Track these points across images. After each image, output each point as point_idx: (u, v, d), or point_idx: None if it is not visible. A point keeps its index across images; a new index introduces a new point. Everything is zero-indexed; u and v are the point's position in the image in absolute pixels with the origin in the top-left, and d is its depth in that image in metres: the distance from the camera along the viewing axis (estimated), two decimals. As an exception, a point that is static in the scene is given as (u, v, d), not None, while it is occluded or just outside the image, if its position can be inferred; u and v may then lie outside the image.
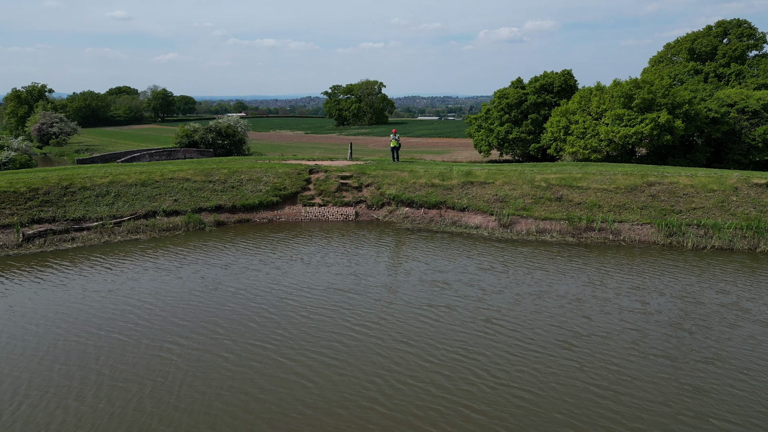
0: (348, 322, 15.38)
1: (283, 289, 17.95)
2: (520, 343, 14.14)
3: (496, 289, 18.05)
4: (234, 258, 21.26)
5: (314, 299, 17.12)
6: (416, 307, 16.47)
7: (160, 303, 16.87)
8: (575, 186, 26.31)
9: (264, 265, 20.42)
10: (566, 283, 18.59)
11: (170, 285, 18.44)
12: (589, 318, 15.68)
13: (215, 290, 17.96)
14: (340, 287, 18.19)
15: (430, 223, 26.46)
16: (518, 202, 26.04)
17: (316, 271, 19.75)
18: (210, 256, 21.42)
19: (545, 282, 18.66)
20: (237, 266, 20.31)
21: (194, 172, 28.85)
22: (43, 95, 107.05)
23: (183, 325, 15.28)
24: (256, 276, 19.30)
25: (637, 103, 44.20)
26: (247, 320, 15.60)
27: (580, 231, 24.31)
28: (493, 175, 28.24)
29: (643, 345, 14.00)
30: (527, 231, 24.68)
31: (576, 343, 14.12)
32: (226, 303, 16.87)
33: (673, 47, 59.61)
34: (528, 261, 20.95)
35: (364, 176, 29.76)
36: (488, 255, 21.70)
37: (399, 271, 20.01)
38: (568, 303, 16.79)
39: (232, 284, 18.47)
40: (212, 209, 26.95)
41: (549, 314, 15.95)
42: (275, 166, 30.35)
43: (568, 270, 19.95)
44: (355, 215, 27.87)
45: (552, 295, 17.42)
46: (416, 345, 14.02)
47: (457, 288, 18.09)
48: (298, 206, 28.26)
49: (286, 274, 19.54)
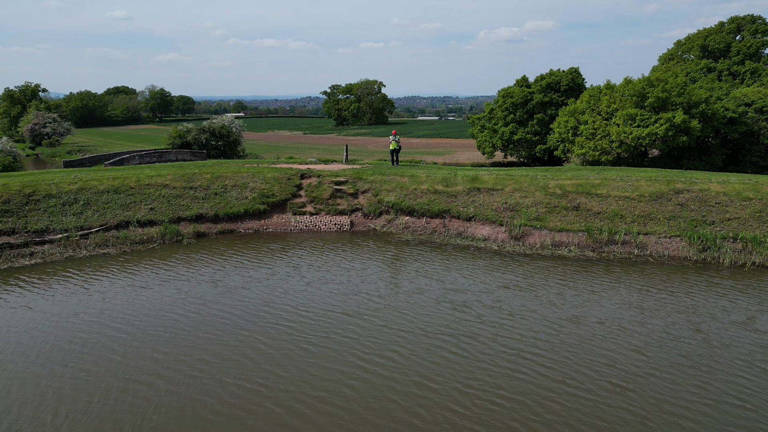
0: (355, 357, 12.86)
1: (277, 314, 15.34)
2: (564, 387, 11.53)
3: (524, 312, 15.46)
4: (218, 275, 18.48)
5: (314, 326, 14.56)
6: (435, 337, 13.87)
7: (134, 330, 14.32)
8: (594, 193, 23.52)
9: (254, 284, 17.69)
10: (601, 304, 15.95)
11: (145, 308, 15.78)
12: (640, 351, 13.10)
13: (198, 314, 15.30)
14: (344, 310, 15.60)
15: (433, 235, 23.68)
16: (531, 212, 23.26)
17: (313, 291, 17.11)
18: (191, 273, 18.62)
19: (577, 303, 16.03)
20: (223, 285, 17.57)
21: (174, 177, 26.06)
22: (37, 95, 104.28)
23: (160, 359, 12.77)
24: (246, 297, 16.62)
25: (651, 103, 41.38)
26: (237, 353, 13.05)
27: (601, 244, 21.51)
28: (501, 180, 25.45)
29: (713, 389, 11.42)
30: (541, 244, 21.89)
31: (632, 386, 11.55)
32: (211, 330, 14.27)
33: (684, 44, 56.79)
34: (552, 278, 18.22)
35: (361, 181, 26.99)
36: (505, 271, 18.96)
37: (410, 290, 17.29)
38: (610, 331, 14.20)
39: (218, 307, 15.79)
40: (192, 219, 24.17)
41: (591, 346, 13.34)
42: (263, 171, 27.55)
43: (599, 289, 17.26)
44: (350, 225, 25.10)
45: (589, 321, 14.80)
46: (440, 389, 11.47)
47: (480, 311, 15.47)
48: (288, 215, 25.47)
49: (280, 294, 16.87)
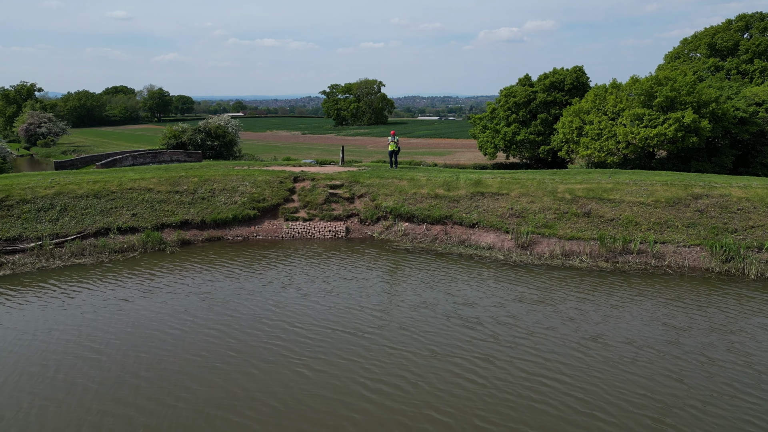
0: (359, 384, 11.27)
1: (271, 332, 13.77)
2: (597, 422, 10.03)
3: (541, 329, 13.90)
4: (206, 287, 16.86)
5: (313, 346, 12.99)
6: (446, 360, 12.31)
7: (112, 351, 12.80)
8: (606, 199, 21.87)
9: (245, 297, 16.07)
10: (626, 321, 14.36)
11: (126, 324, 14.19)
12: (677, 377, 11.55)
13: (183, 332, 13.70)
14: (344, 327, 14.02)
15: (434, 242, 22.03)
16: (538, 218, 21.61)
17: (310, 305, 15.53)
18: (176, 285, 16.98)
19: (598, 320, 14.45)
20: (211, 298, 15.99)
21: (158, 180, 24.40)
22: (32, 94, 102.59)
23: (141, 387, 11.21)
24: (236, 311, 15.06)
25: (659, 102, 39.71)
26: (226, 379, 11.45)
27: (615, 254, 19.86)
28: (507, 184, 23.79)
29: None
30: (551, 253, 20.23)
31: (673, 421, 10.04)
32: (197, 351, 12.67)
33: (690, 43, 55.06)
34: (566, 291, 16.61)
35: (357, 185, 25.34)
36: (515, 282, 17.34)
37: (415, 303, 15.70)
38: (640, 353, 12.62)
39: (206, 323, 14.20)
40: (177, 225, 22.51)
41: (621, 371, 11.77)
42: (254, 174, 25.88)
43: (619, 303, 15.65)
44: (346, 231, 23.44)
45: (615, 340, 13.22)
46: (456, 426, 9.90)
47: (493, 329, 13.90)
48: (279, 221, 23.82)
49: (274, 308, 15.28)
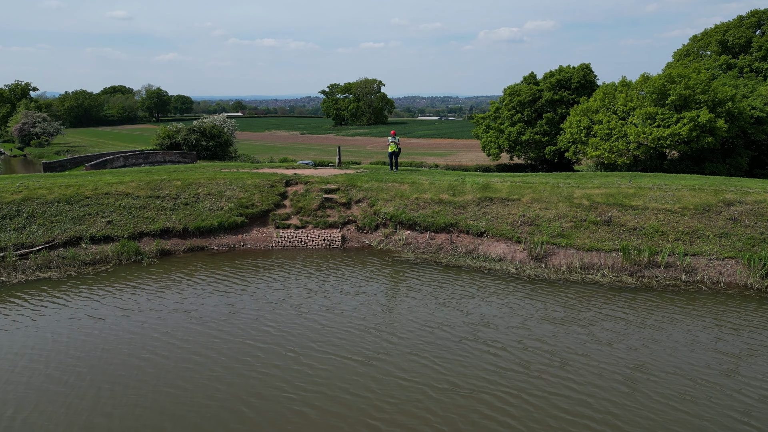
0: (370, 429, 9.29)
1: (266, 358, 11.81)
2: None
3: (575, 356, 11.92)
4: (188, 303, 14.83)
5: (314, 377, 11.04)
6: (474, 397, 10.28)
7: (80, 383, 10.92)
8: (628, 205, 19.77)
9: (234, 315, 14.01)
10: (670, 346, 12.38)
11: (97, 349, 12.21)
12: (749, 420, 9.55)
13: (163, 358, 11.77)
14: (350, 352, 12.06)
15: (438, 253, 19.93)
16: (553, 227, 19.51)
17: (309, 325, 13.58)
18: (156, 302, 14.90)
19: (636, 344, 12.47)
20: (196, 318, 13.91)
21: (138, 184, 22.28)
22: (27, 94, 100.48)
23: (110, 428, 9.28)
24: (224, 333, 13.08)
25: (672, 100, 37.60)
26: (210, 422, 9.51)
27: (640, 267, 17.76)
28: (517, 189, 21.68)
29: None
30: (568, 266, 18.14)
31: None
32: (178, 383, 10.77)
33: (700, 40, 52.94)
34: (593, 309, 14.58)
35: (355, 189, 23.23)
36: (534, 299, 15.29)
37: (427, 322, 13.69)
38: (697, 387, 10.68)
39: (189, 347, 12.22)
40: (156, 234, 20.41)
41: (681, 413, 9.82)
42: (242, 177, 23.77)
43: (658, 324, 13.62)
44: (342, 240, 21.34)
45: (663, 371, 11.25)
46: None
47: (522, 356, 11.89)
48: (269, 228, 21.71)
49: (267, 328, 13.27)
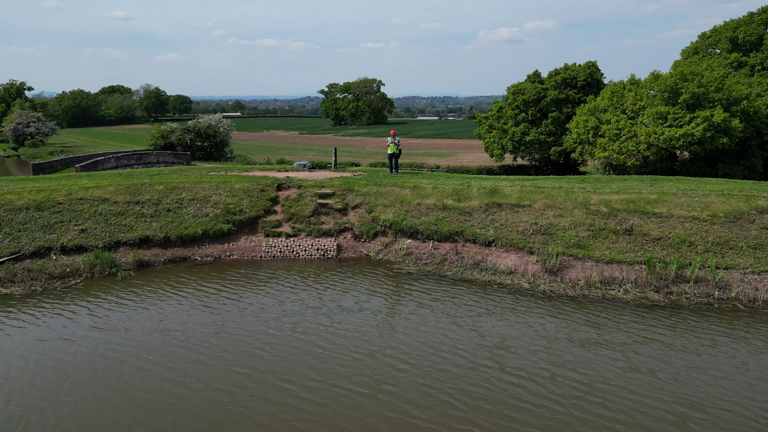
0: None
1: (258, 391, 10.13)
2: None
3: (617, 388, 10.28)
4: (169, 322, 12.91)
5: (315, 415, 9.30)
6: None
7: (43, 422, 9.13)
8: (650, 212, 17.94)
9: (221, 338, 12.12)
10: (723, 377, 10.69)
11: (62, 379, 10.31)
12: None
13: (139, 390, 9.95)
14: (355, 383, 10.37)
15: (443, 264, 18.11)
16: (569, 236, 17.69)
17: (308, 349, 11.83)
18: (131, 321, 12.95)
19: (682, 375, 10.73)
20: (176, 340, 12.04)
21: (116, 189, 20.45)
22: (22, 93, 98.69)
23: None
24: (208, 358, 11.22)
25: (685, 99, 35.77)
26: None
27: (667, 282, 15.93)
28: (528, 194, 19.86)
29: None
30: (587, 280, 16.31)
31: None
32: (159, 425, 8.96)
33: (710, 37, 51.13)
34: (623, 331, 12.79)
35: (351, 194, 21.41)
36: (554, 317, 13.35)
37: (440, 344, 11.98)
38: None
39: (168, 377, 10.53)
40: (135, 243, 18.59)
41: None
42: (230, 180, 21.92)
43: (702, 349, 11.81)
44: (337, 250, 19.51)
45: (723, 408, 9.66)
46: None
47: (554, 389, 10.16)
48: (259, 236, 19.88)
49: (260, 352, 11.56)
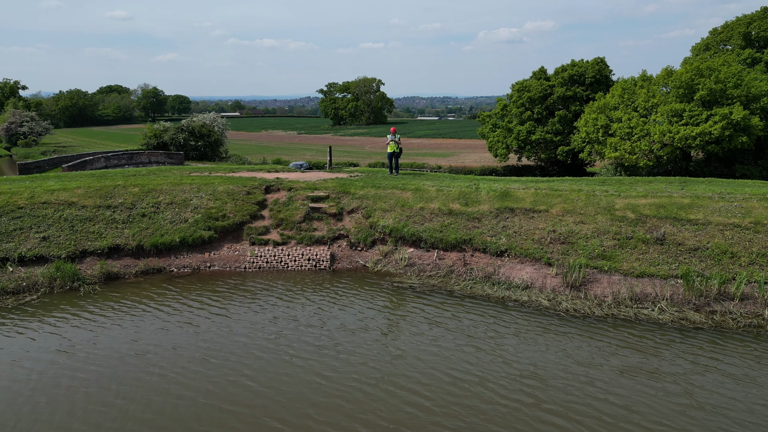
0: None
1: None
2: None
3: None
4: (141, 345, 10.54)
5: None
6: None
7: None
8: (684, 219, 15.78)
9: (203, 365, 9.78)
10: None
11: (6, 423, 8.19)
12: None
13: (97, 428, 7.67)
14: (366, 427, 8.33)
15: (449, 277, 15.94)
16: (592, 245, 15.53)
17: (305, 377, 9.79)
18: (92, 342, 10.74)
19: (763, 419, 8.42)
20: (149, 369, 9.68)
21: (85, 192, 18.29)
22: (16, 92, 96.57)
23: None
24: (188, 387, 9.05)
25: (701, 96, 33.64)
26: None
27: (708, 300, 13.77)
28: (544, 198, 17.70)
29: None
30: (615, 297, 14.15)
31: None
32: None
33: (721, 33, 48.98)
34: (677, 356, 10.48)
35: (347, 197, 19.25)
36: (588, 339, 11.07)
37: (463, 377, 9.93)
38: None
39: (141, 415, 8.54)
40: (103, 252, 16.43)
41: None
42: (213, 182, 19.74)
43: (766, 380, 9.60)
44: (331, 260, 17.35)
45: None
46: None
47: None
48: (243, 244, 17.72)
49: (250, 382, 9.32)
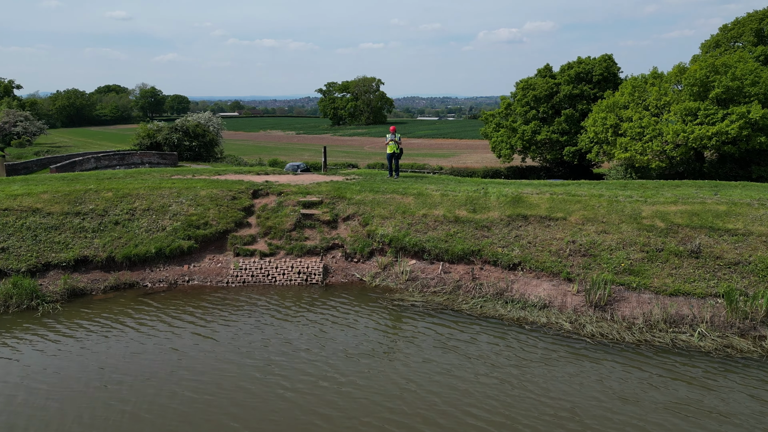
0: None
1: None
2: None
3: None
4: (107, 376, 8.71)
5: None
6: None
7: None
8: (721, 228, 13.94)
9: (187, 404, 8.09)
10: None
11: None
12: None
13: None
14: None
15: (456, 294, 14.10)
16: (617, 259, 13.69)
17: (308, 422, 7.69)
18: (49, 372, 9.01)
19: None
20: (113, 405, 7.99)
21: (52, 197, 16.44)
22: (10, 92, 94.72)
23: None
24: None
25: (717, 94, 31.83)
26: None
27: (755, 323, 11.95)
28: (561, 204, 15.85)
29: None
30: (646, 319, 12.31)
31: None
32: None
33: (731, 29, 47.11)
34: (743, 393, 8.76)
35: (342, 202, 17.41)
36: (629, 369, 9.11)
37: (490, 420, 8.16)
38: None
39: None
40: (69, 265, 14.58)
41: None
42: (196, 186, 17.88)
43: None
44: (323, 273, 15.49)
45: None
46: None
47: None
48: (227, 255, 15.87)
49: (237, 427, 7.42)
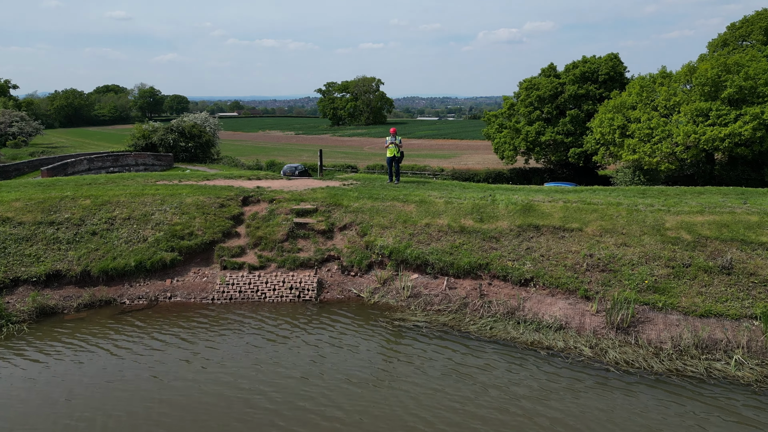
0: None
1: None
2: None
3: None
4: (78, 413, 7.56)
5: None
6: None
7: None
8: (754, 242, 12.66)
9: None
10: None
11: None
12: None
13: None
14: None
15: (463, 313, 12.82)
16: (640, 274, 12.42)
17: None
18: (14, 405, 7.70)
19: None
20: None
21: (24, 205, 15.15)
22: (7, 92, 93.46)
23: None
24: None
25: (729, 94, 30.57)
26: None
27: (797, 349, 10.71)
28: (576, 213, 14.56)
29: None
30: (674, 344, 11.04)
31: None
32: None
33: (740, 28, 45.83)
34: None
35: (339, 210, 16.13)
36: (666, 403, 8.00)
37: None
38: None
39: None
40: (40, 280, 13.31)
41: None
42: (181, 193, 16.58)
43: None
44: (318, 288, 14.21)
45: None
46: None
47: None
48: (213, 269, 14.58)
49: None
